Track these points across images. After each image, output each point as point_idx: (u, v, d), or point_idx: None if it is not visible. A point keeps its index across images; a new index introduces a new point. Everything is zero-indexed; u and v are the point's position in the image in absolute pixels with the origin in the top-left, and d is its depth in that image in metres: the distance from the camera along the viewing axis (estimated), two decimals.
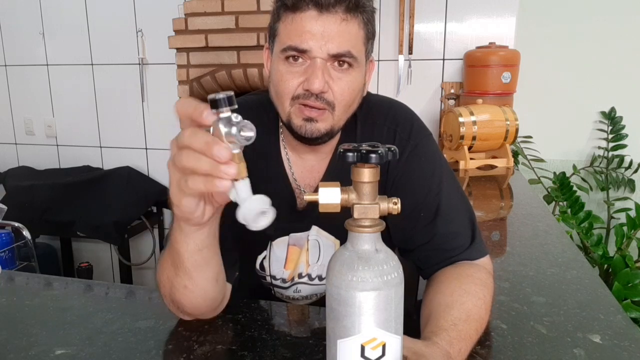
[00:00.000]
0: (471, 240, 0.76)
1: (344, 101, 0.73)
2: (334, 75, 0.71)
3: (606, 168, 2.28)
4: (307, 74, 0.70)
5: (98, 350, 0.65)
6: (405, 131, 0.81)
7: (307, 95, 0.71)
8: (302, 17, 0.69)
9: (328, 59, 0.70)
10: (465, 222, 0.78)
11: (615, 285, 1.40)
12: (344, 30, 0.70)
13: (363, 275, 0.44)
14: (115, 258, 2.70)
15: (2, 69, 2.81)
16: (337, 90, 0.72)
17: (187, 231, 0.58)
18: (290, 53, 0.71)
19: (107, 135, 2.74)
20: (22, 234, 2.11)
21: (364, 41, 0.74)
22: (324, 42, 0.69)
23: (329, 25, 0.69)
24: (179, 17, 2.22)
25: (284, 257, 0.88)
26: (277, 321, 0.74)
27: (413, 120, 0.84)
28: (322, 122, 0.72)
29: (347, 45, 0.70)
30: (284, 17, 0.72)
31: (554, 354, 0.62)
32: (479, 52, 2.05)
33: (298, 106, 0.72)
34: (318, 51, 0.69)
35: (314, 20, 0.69)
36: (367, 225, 0.46)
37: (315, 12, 0.69)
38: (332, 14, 0.69)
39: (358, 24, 0.72)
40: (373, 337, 0.45)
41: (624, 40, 2.21)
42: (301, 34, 0.69)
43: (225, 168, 0.45)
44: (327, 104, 0.72)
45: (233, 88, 2.24)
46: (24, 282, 0.90)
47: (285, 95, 0.72)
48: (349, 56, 0.71)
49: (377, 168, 0.46)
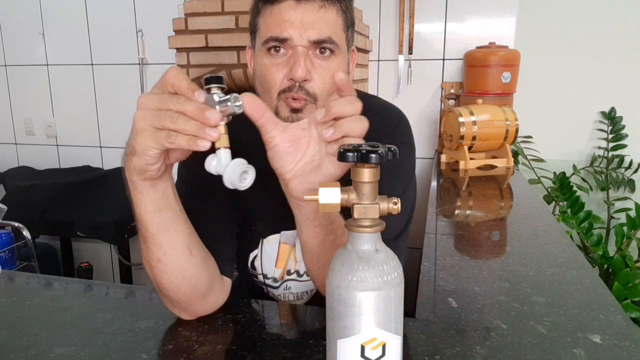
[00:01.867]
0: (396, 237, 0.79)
1: (326, 90, 0.74)
2: (316, 63, 0.73)
3: (606, 168, 2.28)
4: (290, 63, 0.72)
5: (98, 350, 0.65)
6: (389, 128, 0.84)
7: (292, 88, 0.72)
8: (281, 8, 0.71)
9: (309, 47, 0.72)
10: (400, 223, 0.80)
11: (615, 285, 1.40)
12: (322, 16, 0.71)
13: (363, 275, 0.44)
14: (115, 258, 2.70)
15: (2, 69, 2.81)
16: (319, 80, 0.73)
17: (141, 188, 0.60)
18: (271, 44, 0.72)
19: (107, 135, 2.73)
20: (22, 234, 2.11)
21: (344, 28, 0.75)
22: (304, 29, 0.70)
23: (307, 13, 0.70)
24: (179, 17, 2.22)
25: (275, 256, 0.88)
26: (277, 321, 0.74)
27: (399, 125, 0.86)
28: (306, 113, 0.74)
29: (327, 32, 0.71)
30: (263, 10, 0.73)
31: (554, 354, 0.62)
32: (479, 52, 2.05)
33: (285, 100, 0.73)
34: (299, 39, 0.71)
35: (292, 9, 0.70)
36: (367, 225, 0.46)
37: (293, 1, 0.70)
38: (309, 2, 0.70)
39: (336, 11, 0.73)
40: (373, 337, 0.45)
41: (624, 40, 2.21)
42: (280, 23, 0.71)
43: (210, 130, 0.52)
44: (309, 96, 0.73)
45: (233, 88, 2.25)
46: (24, 282, 0.90)
47: (272, 89, 0.74)
48: (329, 42, 0.72)
49: (377, 168, 0.46)
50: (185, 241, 0.66)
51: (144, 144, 0.54)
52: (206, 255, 0.71)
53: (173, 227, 0.64)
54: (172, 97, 0.52)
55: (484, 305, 0.76)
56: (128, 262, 2.48)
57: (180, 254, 0.66)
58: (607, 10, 2.20)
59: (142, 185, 0.60)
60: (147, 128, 0.53)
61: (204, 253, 0.71)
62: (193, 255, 0.67)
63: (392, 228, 0.78)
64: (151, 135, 0.53)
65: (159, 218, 0.62)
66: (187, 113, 0.51)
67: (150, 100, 0.53)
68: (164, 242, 0.64)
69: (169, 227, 0.64)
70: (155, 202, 0.61)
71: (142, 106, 0.54)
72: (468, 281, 0.85)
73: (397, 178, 0.82)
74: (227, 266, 0.77)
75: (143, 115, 0.53)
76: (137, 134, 0.54)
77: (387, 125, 0.85)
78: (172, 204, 0.63)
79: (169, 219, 0.63)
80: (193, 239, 0.68)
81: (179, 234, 0.65)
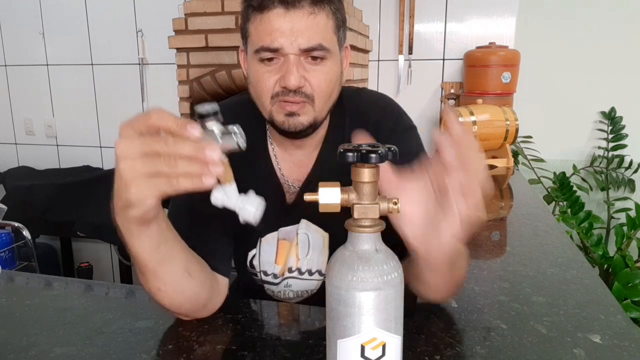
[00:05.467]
0: None
1: (323, 92, 0.74)
2: (309, 68, 0.72)
3: (606, 168, 2.28)
4: (282, 71, 0.71)
5: (98, 350, 0.65)
6: (391, 121, 0.84)
7: (285, 92, 0.72)
8: (270, 16, 0.70)
9: (300, 54, 0.71)
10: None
11: (615, 285, 1.40)
12: (312, 23, 0.70)
13: (363, 275, 0.44)
14: (115, 258, 2.70)
15: (2, 69, 2.81)
16: (315, 83, 0.73)
17: (137, 233, 0.57)
18: (264, 55, 0.72)
19: (107, 135, 2.74)
20: (22, 234, 2.11)
21: (335, 30, 0.74)
22: (294, 37, 0.70)
23: (297, 21, 0.70)
24: (179, 17, 2.22)
25: (274, 252, 0.88)
26: (277, 321, 0.74)
27: (399, 113, 0.86)
28: (304, 115, 0.74)
29: (317, 38, 0.71)
30: (253, 17, 0.73)
31: (554, 354, 0.62)
32: (479, 52, 2.05)
33: (279, 103, 0.73)
34: (289, 47, 0.70)
35: (282, 17, 0.70)
36: (367, 225, 0.46)
37: (282, 9, 0.70)
38: (298, 9, 0.70)
39: (326, 15, 0.72)
40: (373, 337, 0.45)
41: (624, 40, 2.21)
42: (270, 32, 0.70)
43: (213, 167, 0.48)
44: (306, 97, 0.73)
45: (233, 88, 2.24)
46: (24, 282, 0.90)
47: (265, 95, 0.74)
48: (320, 49, 0.71)
49: (377, 168, 0.46)
50: (184, 266, 0.66)
51: (140, 194, 0.50)
52: (204, 270, 0.70)
53: (171, 258, 0.63)
54: (159, 140, 0.48)
55: (483, 305, 0.76)
56: (128, 262, 2.48)
57: (180, 279, 0.65)
58: (607, 11, 2.20)
59: (138, 230, 0.57)
60: (139, 177, 0.49)
61: (202, 270, 0.70)
62: (192, 277, 0.67)
63: None
64: (146, 184, 0.49)
65: (157, 254, 0.60)
66: (186, 155, 0.47)
67: (132, 147, 0.48)
68: (163, 273, 0.63)
69: (167, 259, 0.62)
70: (152, 240, 0.59)
71: (124, 154, 0.48)
72: (468, 281, 0.84)
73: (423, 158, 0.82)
74: (224, 266, 0.77)
75: (130, 165, 0.48)
76: (128, 186, 0.49)
77: (391, 114, 0.85)
78: (168, 236, 0.61)
79: (167, 252, 0.62)
80: (191, 260, 0.67)
81: (178, 262, 0.64)
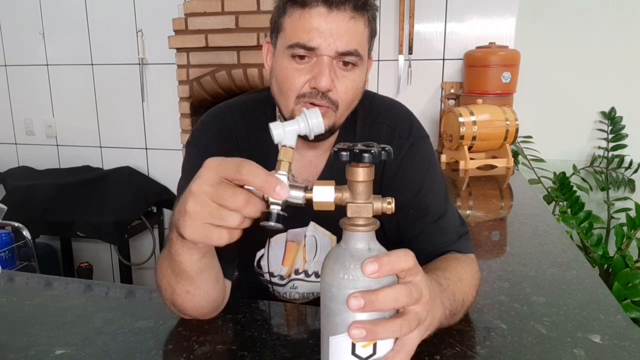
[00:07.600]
0: (459, 237, 0.77)
1: (347, 99, 0.74)
2: (339, 73, 0.72)
3: (606, 168, 2.28)
4: (314, 72, 0.70)
5: (98, 350, 0.65)
6: (405, 130, 0.82)
7: (313, 94, 0.71)
8: (311, 14, 0.69)
9: (335, 57, 0.70)
10: (455, 221, 0.79)
11: (615, 285, 1.40)
12: (351, 28, 0.70)
13: (355, 273, 0.44)
14: (115, 258, 2.70)
15: (2, 69, 2.81)
16: (342, 89, 0.72)
17: (187, 247, 0.58)
18: (297, 51, 0.70)
19: (107, 135, 2.74)
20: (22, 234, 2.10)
21: (368, 39, 0.74)
22: (332, 39, 0.69)
23: (337, 23, 0.69)
24: (179, 17, 2.22)
25: (282, 254, 0.88)
26: (277, 321, 0.74)
27: (412, 121, 0.84)
28: (326, 119, 0.72)
29: (354, 44, 0.70)
30: (291, 11, 0.71)
31: (554, 354, 0.62)
32: (479, 52, 2.05)
33: (303, 104, 0.72)
34: (326, 49, 0.69)
35: (323, 17, 0.68)
36: (360, 224, 0.46)
37: (324, 9, 0.68)
38: (341, 12, 0.69)
39: (364, 22, 0.72)
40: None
41: (624, 40, 2.21)
42: (309, 31, 0.69)
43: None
44: (332, 103, 0.72)
45: (233, 88, 2.24)
46: (24, 282, 0.90)
47: (291, 93, 0.72)
48: (355, 54, 0.71)
49: (371, 167, 0.46)
50: (217, 273, 0.66)
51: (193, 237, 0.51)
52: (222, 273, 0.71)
53: (210, 266, 0.64)
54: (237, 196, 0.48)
55: (484, 305, 0.76)
56: (128, 262, 2.48)
57: (211, 285, 0.66)
58: (607, 10, 2.20)
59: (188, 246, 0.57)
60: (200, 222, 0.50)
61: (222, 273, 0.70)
62: (219, 282, 0.68)
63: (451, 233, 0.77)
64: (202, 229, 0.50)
65: (200, 263, 0.60)
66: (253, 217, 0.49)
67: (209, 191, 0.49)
68: (200, 280, 0.63)
69: (207, 268, 0.63)
70: (199, 253, 0.59)
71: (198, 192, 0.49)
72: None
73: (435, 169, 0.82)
74: (229, 268, 0.77)
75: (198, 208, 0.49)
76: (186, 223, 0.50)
77: (405, 123, 0.83)
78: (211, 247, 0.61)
79: (209, 261, 0.62)
80: (220, 268, 0.68)
81: (213, 271, 0.65)
